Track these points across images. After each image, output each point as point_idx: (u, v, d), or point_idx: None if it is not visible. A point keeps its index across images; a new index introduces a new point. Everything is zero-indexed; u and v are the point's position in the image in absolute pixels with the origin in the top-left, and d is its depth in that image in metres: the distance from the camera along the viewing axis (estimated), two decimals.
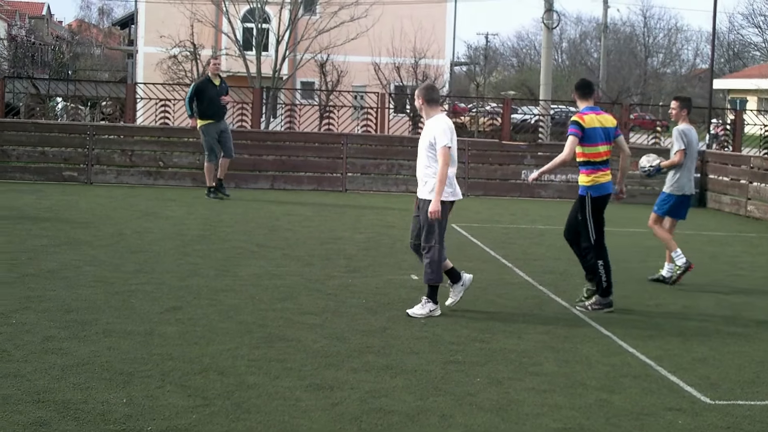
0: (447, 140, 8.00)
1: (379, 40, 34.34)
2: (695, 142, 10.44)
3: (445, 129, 8.05)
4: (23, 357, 6.23)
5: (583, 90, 8.87)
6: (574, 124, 8.66)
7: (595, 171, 8.71)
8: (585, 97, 8.84)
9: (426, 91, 8.30)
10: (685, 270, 10.19)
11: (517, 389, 6.16)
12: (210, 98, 15.96)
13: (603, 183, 8.74)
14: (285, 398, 5.71)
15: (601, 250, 8.77)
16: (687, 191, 10.41)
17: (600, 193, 8.74)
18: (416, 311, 8.07)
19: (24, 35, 67.42)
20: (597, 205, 8.75)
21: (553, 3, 30.07)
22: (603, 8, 51.24)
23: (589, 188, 8.73)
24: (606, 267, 8.75)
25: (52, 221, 12.71)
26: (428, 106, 8.25)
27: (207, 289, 8.69)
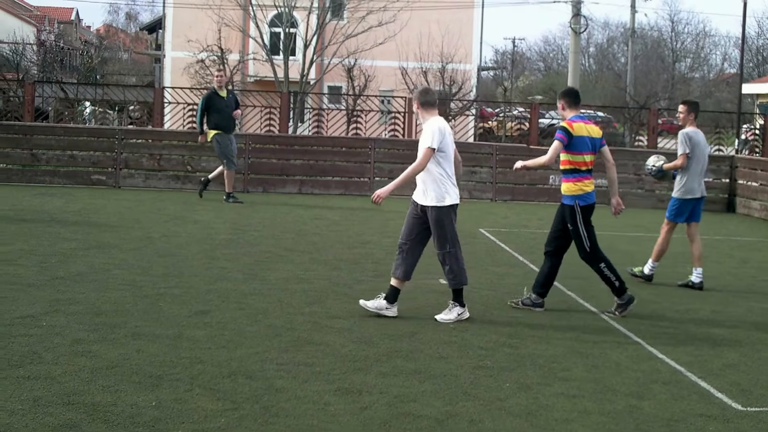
0: (430, 141, 7.86)
1: (406, 45, 34.34)
2: (702, 145, 10.39)
3: (434, 130, 7.89)
4: (53, 359, 6.26)
5: (572, 97, 8.78)
6: (562, 130, 8.57)
7: (581, 179, 8.63)
8: (573, 105, 8.74)
9: (421, 94, 8.19)
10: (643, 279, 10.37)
11: (547, 395, 6.12)
12: (218, 110, 16.11)
13: (589, 192, 8.69)
14: (314, 402, 5.70)
15: (598, 254, 8.70)
16: (696, 194, 10.40)
17: (587, 202, 8.68)
18: (444, 316, 8.04)
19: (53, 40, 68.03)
20: (586, 213, 8.68)
21: (580, 8, 29.99)
22: (630, 13, 50.97)
23: (577, 198, 8.65)
24: (609, 267, 8.68)
25: (81, 224, 12.79)
26: (424, 109, 8.12)
27: (235, 293, 8.71)
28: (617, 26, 75.46)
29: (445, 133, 7.98)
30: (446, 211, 8.03)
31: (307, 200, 17.54)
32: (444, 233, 8.02)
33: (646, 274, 10.43)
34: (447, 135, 8.00)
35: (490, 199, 18.98)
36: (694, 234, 10.54)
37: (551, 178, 19.09)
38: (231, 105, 16.31)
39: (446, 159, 8.01)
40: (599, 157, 8.89)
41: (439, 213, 8.02)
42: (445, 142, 7.96)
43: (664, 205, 18.58)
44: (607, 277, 8.69)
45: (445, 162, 8.02)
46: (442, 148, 7.95)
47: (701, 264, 10.38)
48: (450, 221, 8.05)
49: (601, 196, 19.48)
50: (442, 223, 8.03)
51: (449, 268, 8.06)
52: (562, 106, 8.80)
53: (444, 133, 7.96)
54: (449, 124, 8.67)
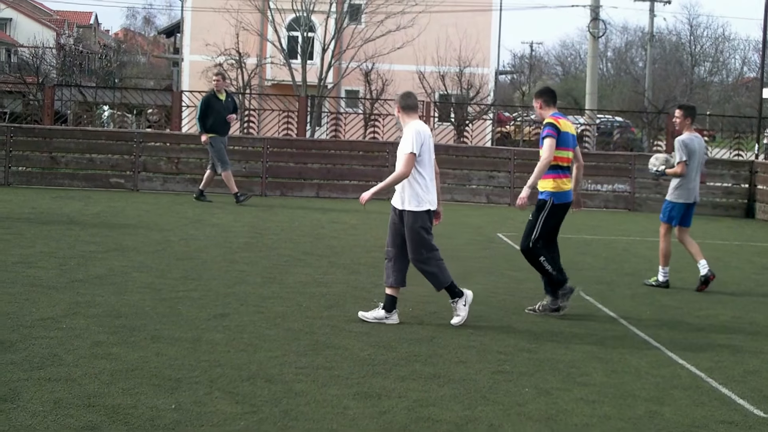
0: (411, 146, 7.76)
1: (424, 49, 34.31)
2: (699, 151, 10.43)
3: (414, 135, 7.77)
4: (74, 361, 6.28)
5: (549, 96, 8.73)
6: (550, 126, 8.50)
7: (560, 176, 8.55)
8: (550, 104, 8.69)
9: (402, 98, 8.10)
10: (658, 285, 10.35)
11: (566, 399, 6.09)
12: (216, 112, 16.35)
13: (566, 190, 8.61)
14: (333, 406, 5.70)
15: (538, 248, 8.62)
16: (690, 199, 10.46)
17: (562, 200, 8.60)
18: (457, 320, 7.98)
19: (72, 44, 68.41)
20: (555, 212, 8.60)
21: (599, 12, 29.90)
22: (649, 17, 50.79)
23: (553, 194, 8.56)
24: (548, 260, 8.62)
25: (99, 227, 12.85)
26: (404, 113, 8.02)
27: (254, 296, 8.72)
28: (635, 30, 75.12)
29: (425, 137, 7.85)
30: (422, 217, 7.87)
31: (325, 204, 17.55)
32: (419, 238, 7.87)
33: (662, 281, 10.38)
34: (427, 139, 7.86)
35: (508, 203, 18.93)
36: (684, 237, 10.63)
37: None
38: (229, 108, 16.58)
39: (422, 163, 7.85)
40: None
41: (415, 218, 7.88)
42: (424, 146, 7.83)
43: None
44: (546, 270, 8.61)
45: (423, 166, 7.86)
46: (421, 152, 7.82)
47: (702, 255, 10.47)
48: (425, 227, 7.88)
49: (620, 202, 19.34)
50: (416, 228, 7.87)
51: (430, 273, 7.90)
52: (540, 105, 8.75)
53: (424, 137, 7.83)
54: (467, 128, 8.62)
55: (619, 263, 11.96)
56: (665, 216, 10.55)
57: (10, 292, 8.32)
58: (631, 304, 9.38)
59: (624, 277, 10.93)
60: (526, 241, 8.68)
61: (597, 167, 19.29)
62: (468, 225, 15.27)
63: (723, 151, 22.66)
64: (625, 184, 19.23)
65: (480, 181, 19.32)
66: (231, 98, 16.96)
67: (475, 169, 19.38)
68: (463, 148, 20.61)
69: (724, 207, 19.27)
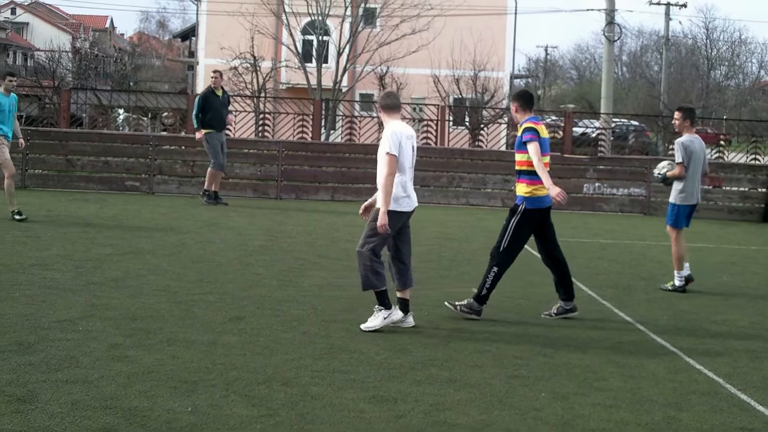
0: (388, 147, 7.64)
1: (438, 53, 34.33)
2: (699, 152, 10.43)
3: (390, 136, 7.65)
4: (90, 364, 6.30)
5: (526, 100, 8.64)
6: (530, 130, 8.39)
7: (535, 182, 8.42)
8: (527, 108, 8.60)
9: (382, 97, 8.02)
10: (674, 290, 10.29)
11: (583, 404, 6.06)
12: (214, 109, 16.56)
13: (541, 196, 8.49)
14: (349, 410, 5.69)
15: (504, 258, 8.52)
16: (692, 201, 10.48)
17: (536, 205, 8.49)
18: (370, 324, 7.71)
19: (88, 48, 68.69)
20: (529, 218, 8.50)
21: (614, 16, 29.82)
22: (665, 21, 50.66)
23: (526, 199, 8.48)
24: (497, 276, 8.48)
25: (115, 230, 12.88)
26: (385, 112, 7.92)
27: (270, 299, 8.72)
28: (651, 34, 74.88)
29: (402, 137, 7.71)
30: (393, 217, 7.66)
31: (340, 207, 17.55)
32: (368, 233, 7.74)
33: (678, 285, 10.33)
34: (404, 139, 7.72)
35: None
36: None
37: (585, 187, 18.99)
38: (225, 105, 16.82)
39: (400, 164, 7.70)
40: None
41: (375, 213, 7.73)
42: (402, 147, 7.70)
43: (699, 215, 18.46)
44: (485, 279, 8.48)
45: (400, 168, 7.71)
46: (399, 153, 7.69)
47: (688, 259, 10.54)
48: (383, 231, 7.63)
49: (636, 206, 19.28)
50: (372, 223, 7.72)
51: (362, 270, 7.72)
52: (515, 109, 8.67)
53: (400, 138, 7.70)
54: (482, 132, 8.56)
55: (635, 267, 11.92)
56: (671, 219, 10.56)
57: (28, 294, 8.35)
58: (648, 308, 9.34)
59: (640, 281, 10.88)
60: (496, 248, 8.57)
61: (612, 171, 19.24)
62: (483, 229, 15.24)
63: (740, 156, 22.58)
64: (640, 188, 19.15)
65: (495, 184, 19.29)
66: (226, 94, 17.26)
67: (491, 172, 19.33)
68: (479, 152, 20.58)
69: (741, 211, 19.18)
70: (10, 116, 13.36)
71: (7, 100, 13.30)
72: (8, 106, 13.30)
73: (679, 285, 10.31)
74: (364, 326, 7.72)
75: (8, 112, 13.30)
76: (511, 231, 8.50)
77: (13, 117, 13.52)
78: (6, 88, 13.32)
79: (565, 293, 8.75)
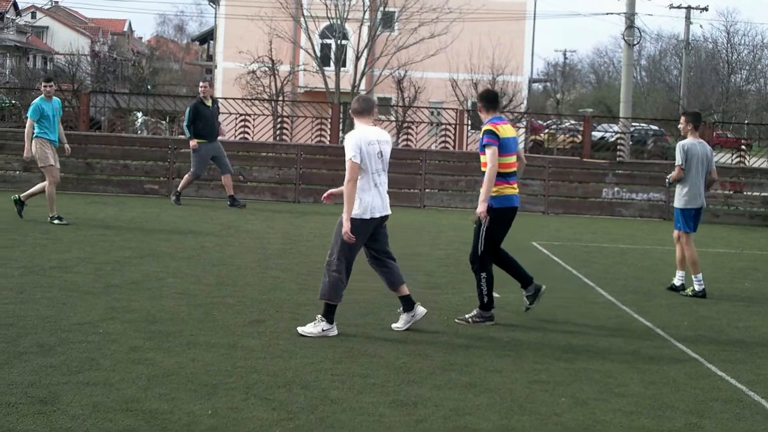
0: (350, 154, 7.55)
1: (456, 56, 34.29)
2: (700, 156, 10.40)
3: (351, 142, 7.52)
4: (111, 366, 6.32)
5: (490, 102, 8.54)
6: (489, 134, 8.31)
7: (501, 183, 8.36)
8: (491, 108, 8.51)
9: (353, 102, 7.90)
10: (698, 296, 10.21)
11: (603, 410, 6.03)
12: (205, 118, 16.70)
13: (508, 195, 8.43)
14: (369, 414, 5.68)
15: (485, 263, 8.44)
16: (695, 205, 10.43)
17: (504, 204, 8.41)
18: (307, 330, 7.56)
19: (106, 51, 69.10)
20: (498, 217, 8.41)
21: (634, 20, 29.71)
22: (685, 24, 50.43)
23: (494, 199, 8.37)
24: (489, 280, 8.40)
25: (134, 233, 12.92)
26: (355, 116, 7.81)
27: (289, 302, 8.72)
28: (670, 38, 74.48)
29: (363, 144, 7.54)
30: (354, 224, 7.58)
31: None
32: (335, 241, 7.70)
33: (698, 290, 10.26)
34: (366, 145, 7.56)
35: (542, 211, 18.84)
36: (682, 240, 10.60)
37: (604, 192, 18.92)
38: (215, 114, 16.96)
39: (362, 170, 7.60)
40: None
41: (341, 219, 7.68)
42: (364, 152, 7.57)
43: (719, 220, 18.46)
44: (480, 288, 8.42)
45: (365, 173, 7.61)
46: (362, 158, 7.58)
47: (683, 268, 10.48)
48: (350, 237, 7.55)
49: (655, 211, 19.17)
50: (338, 229, 7.67)
51: (326, 279, 7.65)
52: (480, 109, 8.60)
53: (361, 144, 7.54)
54: None
55: (654, 273, 11.85)
56: (679, 224, 10.53)
57: (48, 296, 8.39)
58: (668, 314, 9.28)
59: (660, 286, 10.82)
60: (473, 254, 8.51)
61: (631, 176, 19.15)
62: None
63: (761, 160, 22.44)
64: (659, 193, 19.06)
65: None
66: (216, 104, 17.46)
67: None
68: None
69: (763, 216, 19.05)
70: (55, 120, 13.47)
71: (50, 105, 13.41)
72: (51, 111, 13.40)
73: (699, 290, 10.23)
74: (301, 329, 7.60)
75: (52, 116, 13.40)
76: (483, 234, 8.44)
77: (58, 121, 13.62)
78: (46, 94, 13.44)
79: (522, 281, 8.65)
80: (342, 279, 7.67)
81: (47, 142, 13.33)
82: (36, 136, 13.29)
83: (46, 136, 13.32)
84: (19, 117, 25.58)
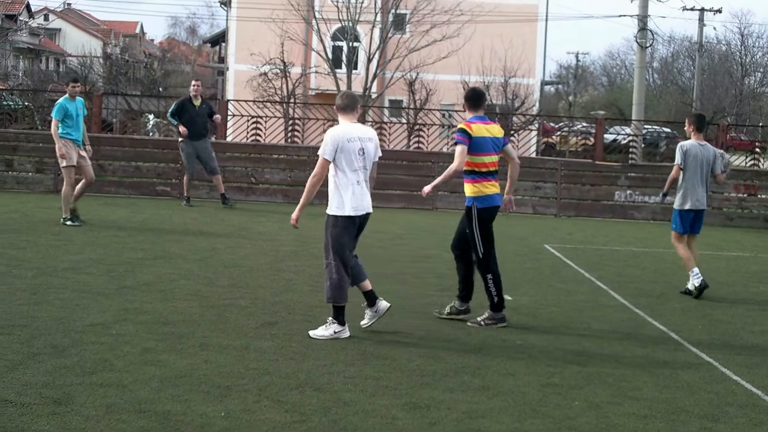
0: (322, 150, 7.55)
1: (468, 59, 34.25)
2: (700, 158, 10.48)
3: (328, 139, 7.52)
4: (124, 367, 6.32)
5: (472, 101, 8.52)
6: (460, 132, 8.33)
7: (479, 181, 8.36)
8: (473, 107, 8.50)
9: (338, 98, 7.87)
10: (700, 292, 10.22)
11: (617, 414, 6.00)
12: (189, 117, 16.84)
13: (489, 194, 8.41)
14: (382, 416, 5.66)
15: (489, 263, 8.42)
16: (695, 206, 10.52)
17: (486, 204, 8.40)
18: (319, 333, 7.57)
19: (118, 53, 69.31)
20: (483, 217, 8.42)
21: (647, 22, 29.62)
22: (698, 27, 50.25)
23: (475, 199, 8.39)
24: (495, 281, 8.38)
25: (146, 234, 12.94)
26: (339, 113, 7.78)
27: (301, 304, 8.72)
28: (683, 40, 74.23)
29: (342, 141, 7.54)
30: (337, 221, 7.63)
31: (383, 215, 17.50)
32: (327, 243, 7.68)
33: (697, 285, 10.29)
34: (343, 143, 7.54)
35: (554, 214, 18.79)
36: (690, 245, 10.68)
37: (617, 194, 18.86)
38: (202, 114, 16.99)
39: (343, 167, 7.60)
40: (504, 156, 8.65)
41: (328, 220, 7.69)
42: (342, 149, 7.54)
43: (734, 223, 18.39)
44: (489, 290, 8.38)
45: (344, 170, 7.60)
46: (337, 156, 7.56)
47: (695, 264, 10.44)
48: (336, 232, 7.61)
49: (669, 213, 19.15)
50: (327, 231, 7.68)
51: (328, 283, 7.65)
52: (464, 107, 8.63)
53: (338, 141, 7.53)
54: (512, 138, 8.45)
55: (668, 276, 11.80)
56: (676, 225, 10.68)
57: (61, 297, 8.40)
58: (682, 317, 9.24)
59: (673, 290, 10.77)
60: (476, 257, 8.48)
61: (644, 179, 19.07)
62: (514, 236, 15.16)
63: None
64: (673, 196, 18.94)
65: (526, 191, 19.18)
66: (206, 105, 17.46)
67: (521, 179, 19.18)
68: None
69: None
70: (78, 120, 13.51)
71: (74, 105, 13.46)
72: (75, 111, 13.44)
73: (698, 284, 10.24)
74: (313, 333, 7.60)
75: (76, 116, 13.45)
76: (478, 237, 8.43)
77: (82, 121, 13.67)
78: (70, 94, 13.49)
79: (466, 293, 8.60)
80: (343, 279, 7.66)
81: (71, 142, 13.40)
82: (60, 135, 13.35)
83: (70, 137, 13.39)
84: (32, 119, 25.66)
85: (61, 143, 13.32)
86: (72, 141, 13.41)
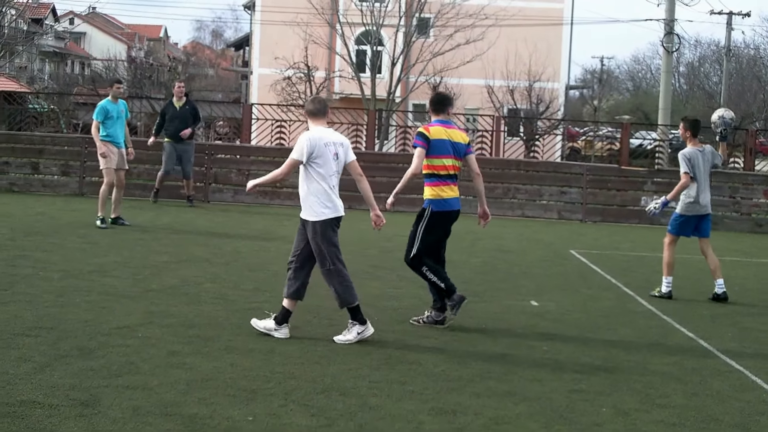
0: (294, 152, 7.57)
1: (493, 63, 34.17)
2: (702, 163, 10.44)
3: (302, 143, 7.52)
4: (150, 370, 6.32)
5: (435, 105, 8.52)
6: (419, 135, 8.32)
7: (437, 184, 8.30)
8: (437, 112, 8.48)
9: (307, 103, 7.87)
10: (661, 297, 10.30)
11: (645, 421, 5.93)
12: (171, 118, 17.21)
13: (446, 198, 8.34)
14: (408, 421, 5.63)
15: (421, 258, 8.33)
16: (700, 211, 10.50)
17: (442, 208, 8.33)
18: (343, 338, 7.53)
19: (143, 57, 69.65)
20: (436, 220, 8.34)
21: (673, 26, 29.43)
22: (726, 31, 49.90)
23: (431, 202, 8.33)
24: (432, 269, 8.29)
25: (171, 237, 12.97)
26: (310, 118, 7.75)
27: (325, 309, 8.68)
28: (709, 44, 73.64)
29: (317, 145, 7.51)
30: (322, 226, 7.63)
31: (393, 217, 17.36)
32: (321, 249, 7.64)
33: (664, 292, 10.36)
34: (320, 147, 7.52)
35: (580, 219, 18.69)
36: (705, 249, 10.67)
37: (643, 200, 18.73)
38: (185, 115, 17.19)
39: (320, 172, 7.61)
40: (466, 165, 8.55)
41: (314, 228, 7.67)
42: (317, 154, 7.55)
43: (763, 229, 18.21)
44: (432, 281, 8.29)
45: (320, 175, 7.61)
46: (314, 160, 7.56)
47: (720, 275, 10.41)
48: (327, 237, 7.61)
49: None
50: (317, 238, 7.65)
51: (333, 288, 7.61)
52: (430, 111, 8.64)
53: (315, 145, 7.51)
54: (537, 143, 8.43)
55: (696, 282, 11.69)
56: (672, 228, 10.67)
57: (87, 300, 8.42)
58: (711, 324, 9.14)
59: (701, 296, 10.68)
60: (407, 253, 8.45)
61: (671, 184, 18.88)
62: (540, 241, 15.09)
63: None
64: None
65: (551, 196, 19.09)
66: (190, 105, 17.57)
67: (546, 184, 19.14)
68: (534, 163, 20.38)
69: None
70: (119, 122, 13.58)
71: (115, 107, 13.54)
72: (116, 113, 13.52)
73: (666, 291, 10.33)
74: (337, 338, 7.56)
75: (116, 118, 13.53)
76: (420, 233, 8.40)
77: (124, 124, 13.75)
78: (113, 95, 13.58)
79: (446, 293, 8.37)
80: (345, 279, 7.66)
81: (111, 144, 13.47)
82: (101, 138, 13.42)
83: (110, 139, 13.47)
84: (58, 122, 25.81)
85: (102, 145, 13.41)
86: (113, 144, 13.47)
